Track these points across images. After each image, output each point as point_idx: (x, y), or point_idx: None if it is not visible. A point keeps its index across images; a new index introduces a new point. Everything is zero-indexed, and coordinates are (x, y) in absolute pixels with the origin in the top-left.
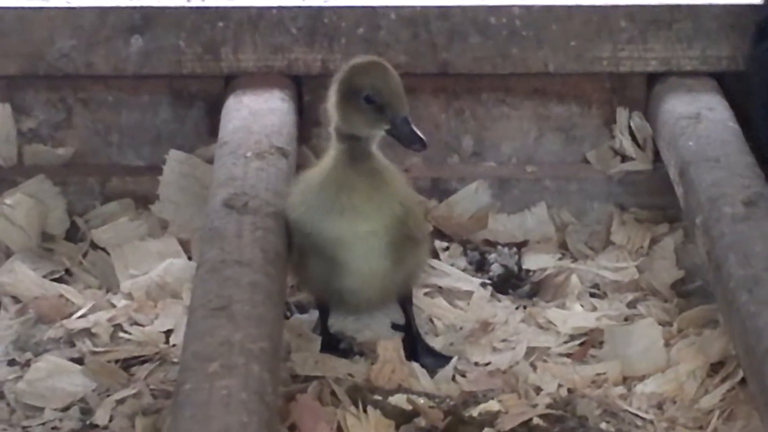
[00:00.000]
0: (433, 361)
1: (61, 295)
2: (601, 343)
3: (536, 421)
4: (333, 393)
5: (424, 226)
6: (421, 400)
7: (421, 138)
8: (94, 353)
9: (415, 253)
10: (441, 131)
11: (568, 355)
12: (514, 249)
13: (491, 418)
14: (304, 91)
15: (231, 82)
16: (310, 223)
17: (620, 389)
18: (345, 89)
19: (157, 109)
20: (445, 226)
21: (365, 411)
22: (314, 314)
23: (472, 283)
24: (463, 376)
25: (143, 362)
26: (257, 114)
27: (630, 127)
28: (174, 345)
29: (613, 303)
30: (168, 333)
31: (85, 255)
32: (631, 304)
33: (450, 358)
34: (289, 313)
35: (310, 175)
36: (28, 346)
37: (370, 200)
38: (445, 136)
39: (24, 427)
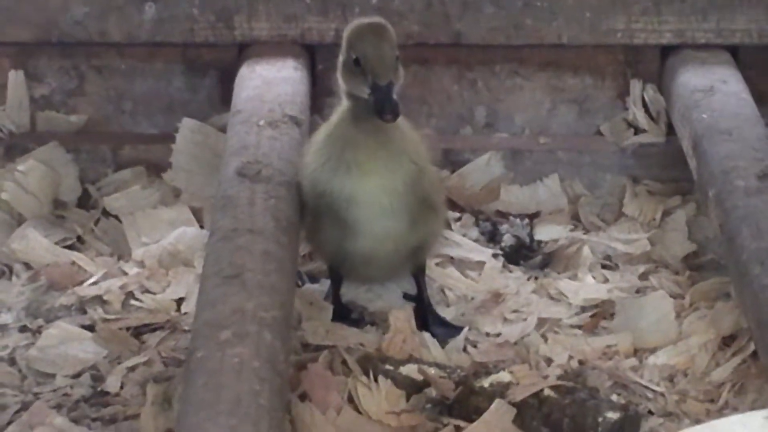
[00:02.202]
0: (445, 331)
1: (73, 263)
2: (613, 314)
3: (547, 392)
4: (344, 362)
5: (441, 193)
6: (432, 371)
7: (393, 109)
8: (106, 320)
9: (431, 219)
10: (454, 102)
11: (580, 327)
12: (526, 220)
13: (502, 389)
14: (317, 60)
15: (244, 51)
16: (322, 181)
17: (631, 361)
18: (344, 48)
19: (170, 77)
20: (457, 197)
21: (376, 381)
22: (326, 284)
23: (483, 253)
24: (474, 346)
25: (154, 330)
26: (270, 83)
27: (643, 99)
28: (185, 313)
29: (625, 275)
30: (179, 301)
31: (97, 222)
32: (643, 276)
33: (461, 329)
34: (300, 282)
35: (318, 134)
36: (40, 313)
37: (375, 156)
38: (458, 107)
39: (35, 394)
